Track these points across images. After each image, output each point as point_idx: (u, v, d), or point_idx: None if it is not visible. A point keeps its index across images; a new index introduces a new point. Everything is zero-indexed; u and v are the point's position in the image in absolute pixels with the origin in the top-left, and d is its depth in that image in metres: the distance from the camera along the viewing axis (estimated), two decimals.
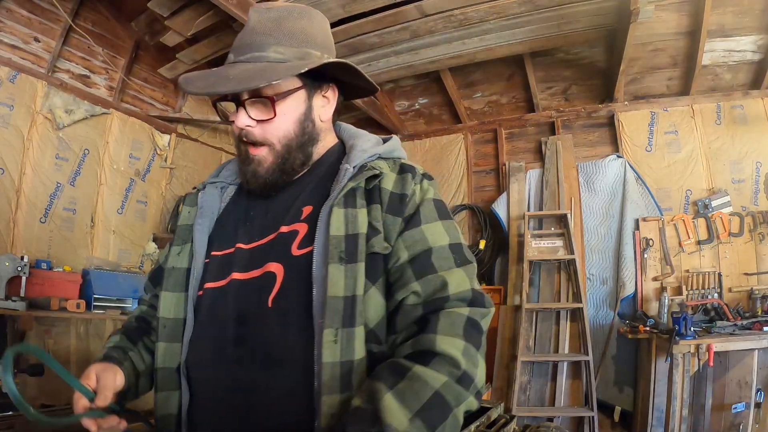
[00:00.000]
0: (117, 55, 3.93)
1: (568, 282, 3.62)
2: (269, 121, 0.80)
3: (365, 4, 2.99)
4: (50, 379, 3.00)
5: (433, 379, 0.65)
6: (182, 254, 0.87)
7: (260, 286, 0.76)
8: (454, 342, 0.69)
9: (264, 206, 0.85)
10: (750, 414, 2.73)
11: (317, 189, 0.83)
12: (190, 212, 0.91)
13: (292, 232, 0.79)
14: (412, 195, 0.80)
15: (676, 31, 3.38)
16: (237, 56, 0.80)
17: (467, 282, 0.76)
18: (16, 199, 3.25)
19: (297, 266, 0.75)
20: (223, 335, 0.77)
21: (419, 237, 0.77)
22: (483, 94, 4.30)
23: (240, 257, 0.81)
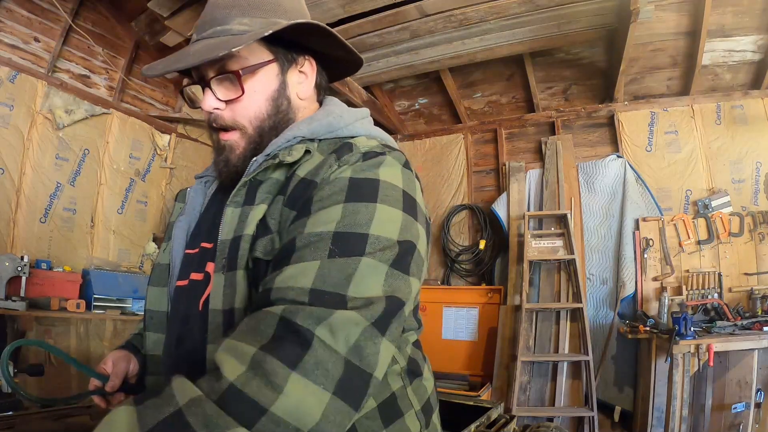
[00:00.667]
0: (117, 55, 3.94)
1: (568, 282, 3.61)
2: (238, 101, 0.72)
3: (365, 4, 2.99)
4: (50, 379, 3.01)
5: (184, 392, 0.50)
6: (165, 251, 0.88)
7: (198, 288, 0.74)
8: (239, 347, 0.52)
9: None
10: (750, 414, 2.73)
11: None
12: (180, 209, 0.92)
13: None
14: (322, 183, 0.65)
15: (676, 31, 3.38)
16: (199, 34, 0.74)
17: (312, 279, 0.56)
18: (16, 199, 3.25)
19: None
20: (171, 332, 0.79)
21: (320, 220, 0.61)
22: (483, 94, 4.30)
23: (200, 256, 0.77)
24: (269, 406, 0.47)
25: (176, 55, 0.73)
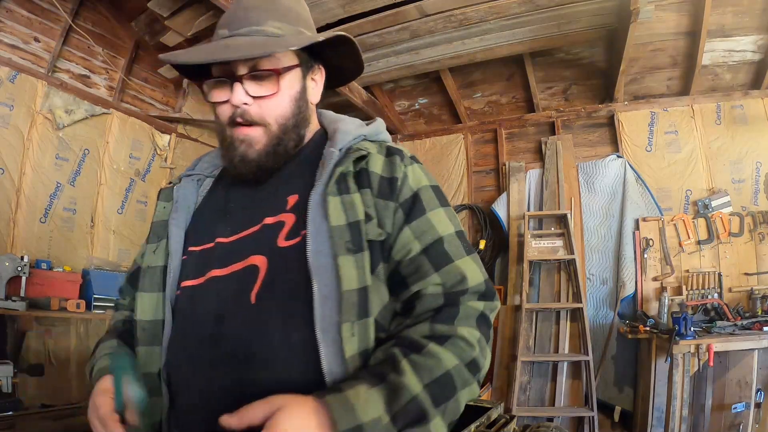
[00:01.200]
0: (117, 55, 3.94)
1: (568, 282, 3.62)
2: (268, 98, 0.75)
3: (365, 4, 2.99)
4: (50, 379, 3.01)
5: (446, 359, 0.65)
6: (158, 252, 0.82)
7: (242, 280, 0.72)
8: (471, 331, 0.69)
9: (244, 197, 0.80)
10: (750, 414, 2.73)
11: (302, 177, 0.77)
12: (165, 207, 0.86)
13: (278, 223, 0.74)
14: (403, 178, 0.76)
15: (676, 31, 3.38)
16: (232, 30, 0.76)
17: (480, 273, 0.74)
18: (16, 199, 3.25)
19: (283, 258, 0.71)
20: (200, 336, 0.72)
21: (427, 226, 0.74)
22: (483, 94, 4.30)
23: (220, 252, 0.76)
24: (482, 368, 0.70)
25: (211, 47, 0.75)
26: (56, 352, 3.16)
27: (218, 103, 0.77)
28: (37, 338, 3.08)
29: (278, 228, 0.74)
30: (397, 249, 0.73)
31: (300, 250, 0.69)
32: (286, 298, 0.69)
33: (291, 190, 0.77)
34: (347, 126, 0.82)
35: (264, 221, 0.75)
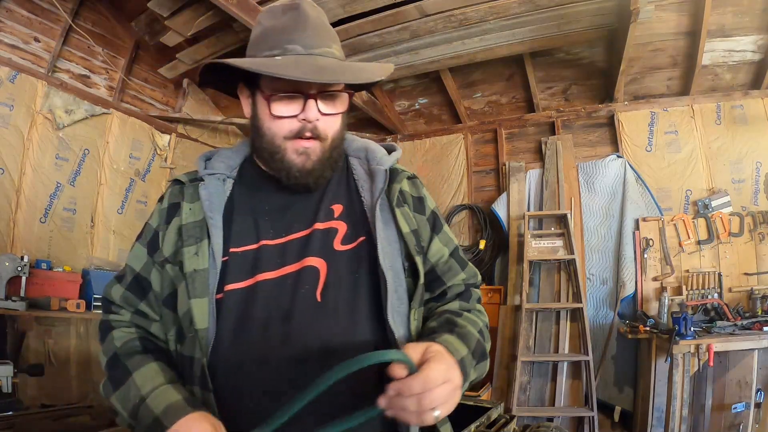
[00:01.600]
0: (117, 55, 3.94)
1: (568, 282, 3.62)
2: (332, 116, 0.81)
3: (365, 4, 2.99)
4: (50, 379, 3.01)
5: (478, 320, 0.85)
6: (201, 254, 0.77)
7: (300, 281, 0.76)
8: (481, 308, 0.91)
9: (281, 203, 0.83)
10: (750, 414, 2.73)
11: (340, 188, 0.86)
12: (192, 209, 0.82)
13: (330, 230, 0.81)
14: (425, 198, 0.92)
15: (676, 31, 3.38)
16: (307, 48, 0.78)
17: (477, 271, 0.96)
18: (16, 199, 3.25)
19: (342, 261, 0.78)
20: (264, 336, 0.73)
21: (449, 237, 0.92)
22: (483, 94, 4.30)
23: (268, 253, 0.78)
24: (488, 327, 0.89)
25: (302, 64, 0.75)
26: (56, 352, 3.16)
27: (281, 117, 0.79)
28: (37, 338, 3.08)
29: (332, 233, 0.80)
30: (432, 253, 0.87)
31: (359, 253, 0.80)
32: (350, 296, 0.77)
33: (333, 200, 0.84)
34: (375, 146, 0.91)
35: (315, 226, 0.80)
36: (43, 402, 2.83)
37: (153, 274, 0.85)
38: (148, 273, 0.85)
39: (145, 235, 0.88)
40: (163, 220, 0.86)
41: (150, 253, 0.86)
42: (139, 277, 0.86)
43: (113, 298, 0.87)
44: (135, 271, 0.86)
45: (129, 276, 0.87)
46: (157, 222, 0.87)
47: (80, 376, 3.26)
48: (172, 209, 0.86)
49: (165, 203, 0.88)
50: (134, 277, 0.86)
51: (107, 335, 0.84)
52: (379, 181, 0.83)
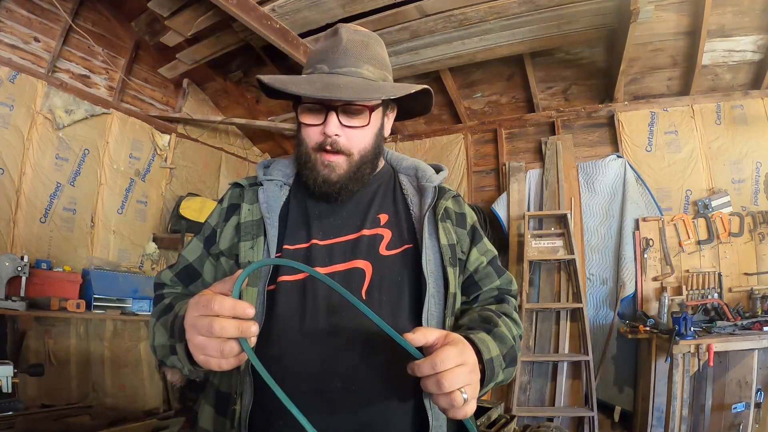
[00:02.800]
0: (117, 55, 3.94)
1: (568, 282, 3.62)
2: (356, 130, 0.87)
3: (365, 4, 2.99)
4: (50, 379, 3.01)
5: (513, 327, 0.89)
6: (256, 249, 0.86)
7: (347, 279, 0.82)
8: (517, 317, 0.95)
9: (329, 209, 0.91)
10: (750, 414, 2.73)
11: (386, 200, 0.94)
12: (251, 209, 0.91)
13: (376, 236, 0.88)
14: (466, 214, 1.01)
15: (676, 31, 3.38)
16: (332, 68, 0.86)
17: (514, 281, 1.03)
18: (16, 199, 3.25)
19: (386, 265, 0.85)
20: (315, 327, 0.79)
21: (487, 247, 1.00)
22: (483, 94, 4.30)
23: (318, 252, 0.86)
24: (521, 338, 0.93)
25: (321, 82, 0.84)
26: (56, 352, 3.15)
27: (308, 125, 0.87)
28: (37, 338, 3.08)
29: (378, 239, 0.88)
30: (471, 262, 0.95)
31: (402, 259, 0.86)
32: (393, 296, 0.83)
33: (379, 209, 0.92)
34: (425, 166, 1.00)
35: (362, 232, 0.88)
36: (43, 402, 2.83)
37: (206, 266, 0.95)
38: (200, 265, 0.95)
39: (203, 231, 0.98)
40: (222, 218, 0.95)
41: (206, 247, 0.95)
42: (190, 267, 0.96)
43: (164, 280, 0.98)
44: (187, 261, 0.97)
45: (181, 265, 0.98)
46: (216, 220, 0.96)
47: (80, 376, 3.26)
48: (231, 209, 0.95)
49: (225, 203, 0.97)
50: (185, 267, 0.97)
51: (159, 302, 0.93)
52: (428, 197, 0.92)
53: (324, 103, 0.85)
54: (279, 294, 0.82)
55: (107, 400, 3.28)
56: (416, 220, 0.91)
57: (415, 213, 0.92)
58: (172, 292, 0.96)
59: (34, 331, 3.01)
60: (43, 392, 2.93)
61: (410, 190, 0.96)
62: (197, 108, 4.60)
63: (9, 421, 2.20)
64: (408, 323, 0.82)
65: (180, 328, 0.70)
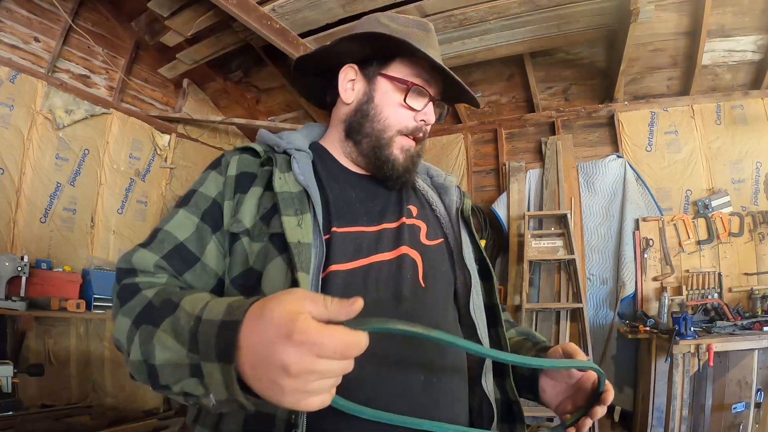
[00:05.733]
0: (117, 55, 3.94)
1: (568, 282, 3.62)
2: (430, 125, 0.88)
3: (365, 4, 2.99)
4: (50, 379, 3.01)
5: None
6: (304, 227, 0.70)
7: (400, 267, 0.77)
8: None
9: (366, 194, 0.85)
10: (750, 414, 2.73)
11: (409, 194, 0.91)
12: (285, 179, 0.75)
13: (415, 226, 0.84)
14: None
15: (676, 31, 3.38)
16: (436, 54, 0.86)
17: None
18: (16, 199, 3.25)
19: (431, 254, 0.82)
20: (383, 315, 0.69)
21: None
22: (483, 94, 4.30)
23: (366, 239, 0.78)
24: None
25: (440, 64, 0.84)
26: (56, 352, 3.16)
27: (405, 107, 0.84)
28: (37, 338, 3.08)
29: (417, 229, 0.84)
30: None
31: (441, 249, 0.85)
32: (444, 285, 0.82)
33: (408, 202, 0.88)
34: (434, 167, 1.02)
35: (402, 220, 0.83)
36: (43, 402, 2.83)
37: (210, 247, 0.74)
38: (199, 245, 0.74)
39: (195, 202, 0.77)
40: (231, 189, 0.77)
41: (206, 222, 0.75)
42: (183, 247, 0.73)
43: (140, 264, 0.70)
44: (177, 240, 0.73)
45: (168, 244, 0.72)
46: (218, 190, 0.78)
47: (80, 376, 3.26)
48: (244, 178, 0.78)
49: (233, 171, 0.79)
50: (176, 247, 0.72)
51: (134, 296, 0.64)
52: (453, 194, 0.94)
53: (428, 90, 0.84)
54: (333, 282, 0.71)
55: (107, 400, 3.28)
56: (441, 216, 0.90)
57: (439, 209, 0.91)
58: (152, 281, 0.69)
59: (34, 331, 3.01)
60: (43, 392, 2.93)
61: (426, 189, 0.95)
62: (197, 108, 4.60)
63: (9, 421, 2.21)
64: (455, 313, 0.82)
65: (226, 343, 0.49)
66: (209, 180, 0.80)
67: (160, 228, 0.75)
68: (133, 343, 0.59)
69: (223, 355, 0.49)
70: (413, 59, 0.84)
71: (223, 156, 0.84)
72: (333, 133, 0.91)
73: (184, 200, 0.78)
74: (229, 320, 0.50)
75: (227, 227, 0.74)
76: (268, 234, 0.72)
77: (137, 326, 0.60)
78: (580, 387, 0.77)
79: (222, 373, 0.49)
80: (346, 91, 0.86)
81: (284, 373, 0.44)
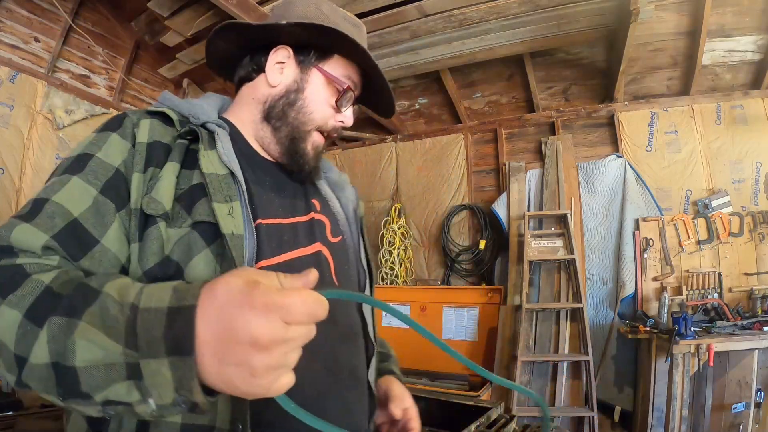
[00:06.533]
0: (117, 55, 3.94)
1: (568, 282, 3.61)
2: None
3: (365, 4, 2.99)
4: None
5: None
6: (235, 216, 0.64)
7: (317, 263, 0.76)
8: None
9: (277, 181, 0.80)
10: (750, 414, 2.73)
11: (312, 187, 0.88)
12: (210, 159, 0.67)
13: (321, 221, 0.83)
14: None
15: (676, 31, 3.38)
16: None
17: None
18: (16, 199, 3.25)
19: (337, 251, 0.83)
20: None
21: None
22: (483, 94, 4.30)
23: (286, 232, 0.74)
24: None
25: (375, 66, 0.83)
26: None
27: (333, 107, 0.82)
28: None
29: (323, 225, 0.83)
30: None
31: (342, 247, 0.85)
32: (350, 283, 0.84)
33: (312, 195, 0.86)
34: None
35: (311, 215, 0.82)
36: (43, 402, 2.83)
37: (113, 229, 0.60)
38: (99, 225, 0.59)
39: (93, 170, 0.61)
40: (142, 158, 0.64)
41: (108, 197, 0.61)
42: (78, 225, 0.57)
43: (23, 243, 0.53)
44: (71, 215, 0.57)
45: (59, 220, 0.56)
46: (122, 158, 0.64)
47: None
48: (158, 148, 0.66)
49: (144, 137, 0.66)
50: (69, 224, 0.57)
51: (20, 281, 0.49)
52: (349, 193, 0.94)
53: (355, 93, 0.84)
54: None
55: None
56: (338, 213, 0.88)
57: (335, 206, 0.88)
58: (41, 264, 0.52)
59: None
60: None
61: (320, 183, 0.90)
62: None
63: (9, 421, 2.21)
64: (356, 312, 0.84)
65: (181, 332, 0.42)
66: (111, 144, 0.65)
67: (47, 198, 0.57)
68: (36, 340, 0.45)
69: (175, 348, 0.42)
70: (349, 59, 0.82)
71: (125, 116, 0.69)
72: (244, 112, 0.82)
73: (76, 165, 0.62)
74: (180, 306, 0.43)
75: (138, 206, 0.61)
76: (190, 221, 0.62)
77: (35, 320, 0.46)
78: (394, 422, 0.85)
79: (173, 370, 0.42)
80: (273, 72, 0.79)
81: (254, 348, 0.40)
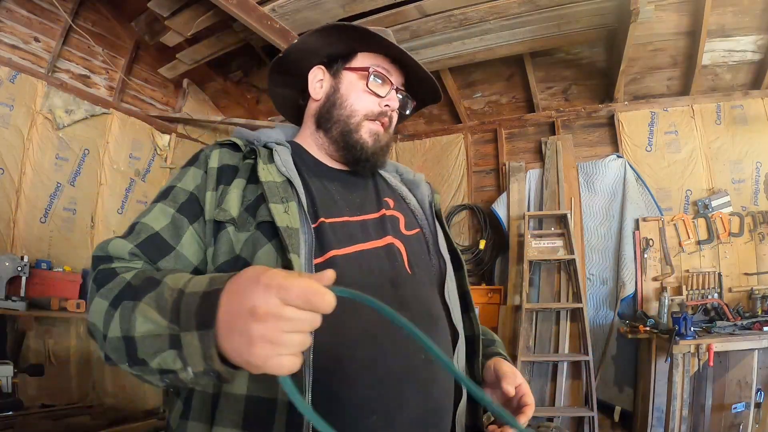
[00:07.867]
0: (117, 55, 3.94)
1: (568, 282, 3.61)
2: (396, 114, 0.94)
3: (365, 4, 2.99)
4: (50, 379, 3.01)
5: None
6: (291, 213, 0.73)
7: (389, 254, 0.81)
8: None
9: (344, 187, 0.89)
10: (750, 414, 2.73)
11: (383, 187, 0.95)
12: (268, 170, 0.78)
13: (394, 216, 0.88)
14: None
15: (676, 31, 3.38)
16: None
17: None
18: (16, 199, 3.25)
19: (412, 243, 0.86)
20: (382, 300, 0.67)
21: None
22: (483, 94, 4.30)
23: (354, 228, 0.82)
24: None
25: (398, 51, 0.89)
26: (56, 352, 3.16)
27: (369, 92, 0.89)
28: (37, 338, 3.08)
29: (396, 220, 0.88)
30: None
31: (419, 239, 0.88)
32: (427, 272, 0.85)
33: (384, 194, 0.92)
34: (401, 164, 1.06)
35: (382, 211, 0.87)
36: (43, 402, 2.83)
37: (187, 236, 0.75)
38: (174, 234, 0.74)
39: (173, 197, 0.78)
40: (214, 180, 0.78)
41: (182, 213, 0.76)
42: (158, 236, 0.73)
43: (116, 252, 0.71)
44: (153, 230, 0.74)
45: (143, 234, 0.73)
46: (195, 184, 0.79)
47: (80, 376, 3.26)
48: (226, 171, 0.80)
49: (214, 163, 0.80)
50: (151, 236, 0.73)
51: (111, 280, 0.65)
52: (425, 189, 0.99)
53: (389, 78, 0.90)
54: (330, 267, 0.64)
55: (107, 400, 3.28)
56: (415, 209, 0.94)
57: (412, 203, 0.95)
58: (128, 266, 0.70)
59: (34, 331, 3.01)
60: (43, 392, 2.93)
61: (396, 184, 0.98)
62: (197, 108, 4.59)
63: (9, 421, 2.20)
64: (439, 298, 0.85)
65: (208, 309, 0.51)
66: (187, 176, 0.81)
67: (138, 221, 0.76)
68: (113, 320, 0.60)
69: (202, 323, 0.51)
70: (374, 52, 0.91)
71: (201, 152, 0.85)
72: (305, 130, 0.96)
73: (162, 195, 0.79)
74: (211, 290, 0.53)
75: (212, 216, 0.75)
76: (255, 223, 0.73)
77: (115, 306, 0.61)
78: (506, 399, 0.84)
79: (201, 341, 0.51)
80: (315, 89, 0.93)
81: (252, 318, 0.46)
